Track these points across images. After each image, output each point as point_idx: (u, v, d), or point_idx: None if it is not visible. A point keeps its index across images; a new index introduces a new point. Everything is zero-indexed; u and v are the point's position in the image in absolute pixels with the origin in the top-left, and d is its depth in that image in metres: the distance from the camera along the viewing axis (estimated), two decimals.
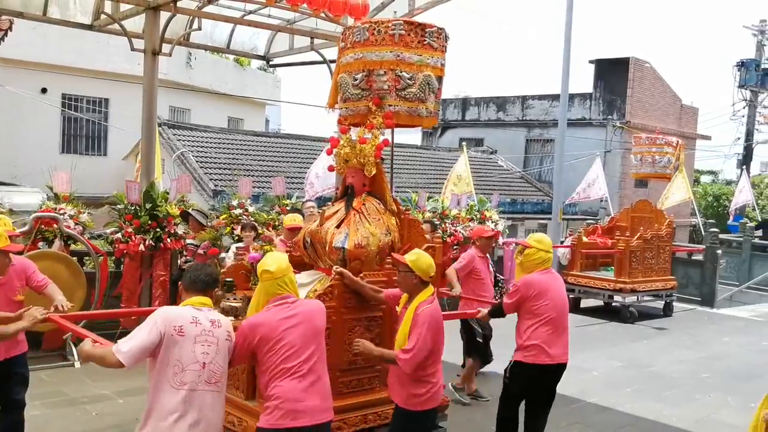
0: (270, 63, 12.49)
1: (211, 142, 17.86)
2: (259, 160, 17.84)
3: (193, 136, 17.61)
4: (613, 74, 24.66)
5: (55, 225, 7.95)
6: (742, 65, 30.06)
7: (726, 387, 8.52)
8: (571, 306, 10.19)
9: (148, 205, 8.57)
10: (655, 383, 8.53)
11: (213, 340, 3.57)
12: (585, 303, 13.24)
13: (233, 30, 11.28)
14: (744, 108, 30.81)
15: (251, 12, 10.16)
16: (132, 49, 9.49)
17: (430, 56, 5.14)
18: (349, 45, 5.25)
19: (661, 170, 13.85)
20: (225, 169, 16.39)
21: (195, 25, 10.14)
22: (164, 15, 9.00)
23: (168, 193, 8.95)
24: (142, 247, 8.39)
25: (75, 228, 8.14)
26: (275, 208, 9.89)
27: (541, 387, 5.42)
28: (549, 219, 16.76)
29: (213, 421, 3.56)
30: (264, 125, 26.88)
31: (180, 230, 8.75)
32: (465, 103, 28.27)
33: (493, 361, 7.39)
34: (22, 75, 16.59)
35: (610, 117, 24.55)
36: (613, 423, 7.02)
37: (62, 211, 8.15)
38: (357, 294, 4.81)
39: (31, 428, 5.14)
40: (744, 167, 25.47)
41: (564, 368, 5.40)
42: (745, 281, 18.22)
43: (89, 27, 9.90)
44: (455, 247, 11.31)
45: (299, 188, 12.38)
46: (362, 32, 5.13)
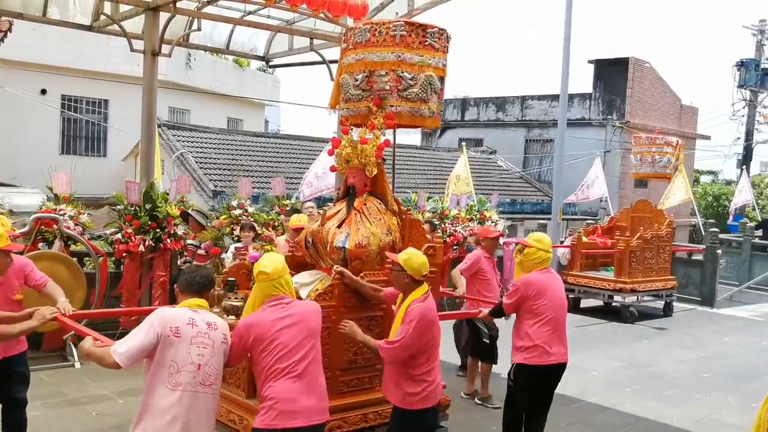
0: (269, 63, 12.49)
1: (211, 143, 17.88)
2: (259, 161, 17.86)
3: (193, 137, 17.64)
4: (613, 74, 24.67)
5: (55, 226, 7.96)
6: (742, 65, 30.08)
7: (726, 387, 8.52)
8: (571, 306, 10.25)
9: (148, 206, 8.58)
10: (655, 383, 8.53)
11: (209, 342, 3.57)
12: (585, 303, 13.24)
13: (233, 31, 11.29)
14: (744, 108, 30.85)
15: (251, 12, 10.17)
16: (131, 50, 9.49)
17: (432, 57, 5.15)
18: (351, 46, 5.27)
19: (661, 170, 13.86)
20: (224, 170, 16.41)
21: (194, 26, 10.15)
22: (164, 16, 9.01)
23: (168, 194, 8.96)
24: (142, 248, 8.41)
25: (75, 229, 8.15)
26: (275, 209, 9.90)
27: (543, 388, 5.42)
28: (549, 219, 16.76)
29: (206, 423, 3.57)
30: (263, 126, 26.91)
31: (180, 231, 8.75)
32: (464, 104, 28.28)
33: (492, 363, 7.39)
34: (22, 76, 16.59)
35: (610, 117, 24.56)
36: (613, 423, 7.02)
37: (62, 212, 8.15)
38: (357, 293, 4.81)
39: (32, 429, 5.15)
40: (744, 167, 25.49)
41: (564, 368, 5.40)
42: (745, 281, 18.21)
43: (89, 28, 9.90)
44: (455, 247, 11.32)
45: (298, 189, 12.38)
46: (363, 33, 5.15)
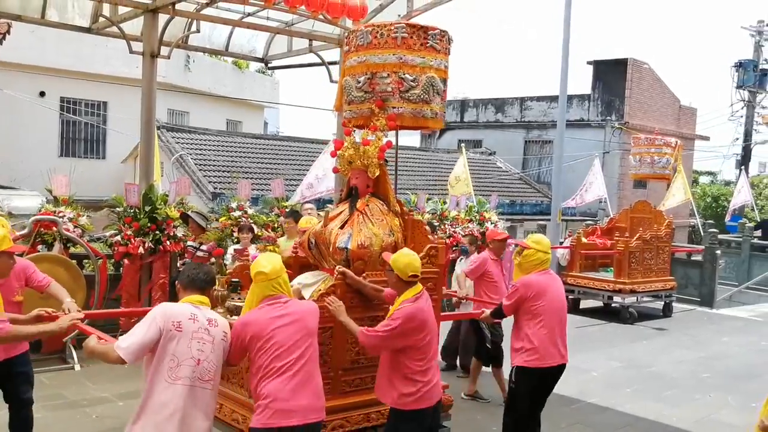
0: (268, 65, 12.50)
1: (210, 145, 17.88)
2: (258, 163, 17.86)
3: (192, 139, 17.63)
4: (612, 75, 24.68)
5: (54, 228, 7.96)
6: (740, 66, 30.06)
7: (726, 387, 8.53)
8: (571, 307, 10.24)
9: (148, 208, 8.59)
10: (655, 383, 8.54)
11: (209, 339, 3.61)
12: (584, 304, 13.24)
13: (232, 32, 11.29)
14: (742, 108, 30.84)
15: (250, 14, 10.18)
16: (130, 52, 9.49)
17: (433, 58, 5.18)
18: (353, 48, 5.29)
19: (660, 171, 13.87)
20: (224, 172, 16.41)
21: (193, 28, 10.15)
22: (163, 17, 9.02)
23: (167, 196, 8.96)
24: (142, 250, 8.41)
25: (74, 231, 8.14)
26: (274, 210, 9.90)
27: (544, 389, 5.45)
28: (548, 220, 16.75)
29: (204, 418, 3.59)
30: (262, 128, 26.91)
31: (179, 233, 8.75)
32: (463, 105, 28.28)
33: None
34: (21, 78, 16.58)
35: (609, 118, 24.55)
36: (613, 423, 7.03)
37: (61, 214, 8.15)
38: (359, 293, 4.83)
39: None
40: (742, 168, 25.49)
41: (564, 368, 5.41)
42: (745, 281, 18.19)
43: (88, 30, 9.91)
44: (455, 248, 11.31)
45: (297, 190, 12.37)
46: (365, 36, 5.18)
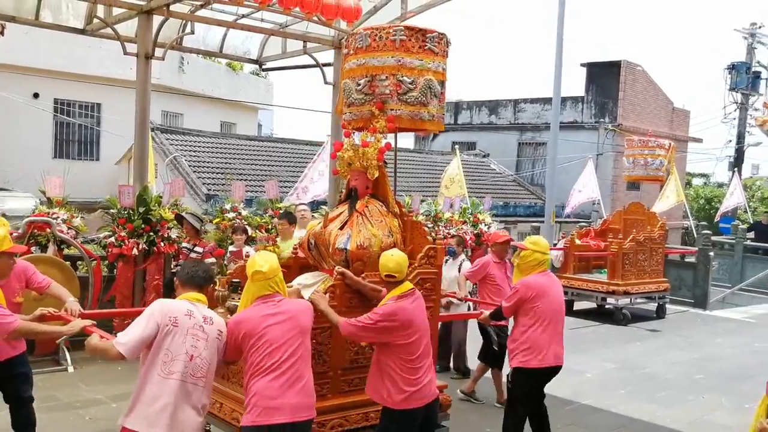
0: (262, 67, 12.50)
1: (204, 147, 17.87)
2: (252, 164, 17.87)
3: (186, 141, 17.62)
4: (605, 77, 24.78)
5: (48, 229, 7.94)
6: (733, 68, 30.18)
7: (719, 388, 8.55)
8: (565, 308, 10.25)
9: (142, 209, 8.57)
10: (649, 385, 8.56)
11: (203, 336, 3.66)
12: (578, 305, 13.25)
13: (226, 34, 11.29)
14: (735, 111, 30.96)
15: (244, 16, 10.18)
16: (125, 53, 9.45)
17: (432, 61, 5.21)
18: (352, 51, 5.33)
19: (654, 173, 13.88)
20: (218, 174, 16.41)
21: (188, 29, 10.13)
22: (157, 19, 8.99)
23: (161, 197, 8.95)
24: (136, 251, 8.39)
25: (68, 232, 8.12)
26: (268, 212, 9.90)
27: (540, 390, 5.50)
28: (542, 222, 16.76)
29: (195, 415, 3.62)
30: (256, 129, 26.89)
31: (173, 234, 8.73)
32: (457, 107, 28.33)
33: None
34: (14, 80, 16.52)
35: (602, 120, 24.64)
36: (607, 424, 7.05)
37: (55, 216, 8.13)
38: (358, 293, 4.86)
39: None
40: (735, 170, 25.56)
41: (559, 370, 5.44)
42: (738, 283, 18.25)
43: (82, 31, 9.88)
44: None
45: (291, 192, 12.37)
46: (364, 38, 5.22)
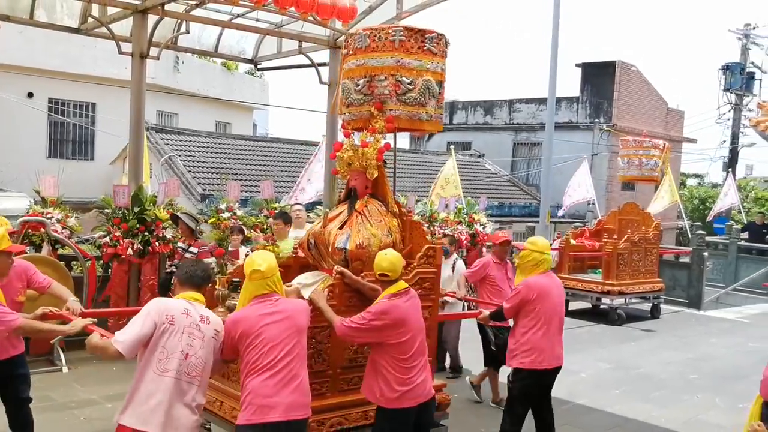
0: (258, 67, 12.47)
1: (199, 146, 17.84)
2: (247, 164, 17.84)
3: (181, 141, 17.59)
4: (600, 78, 24.81)
5: (43, 229, 7.92)
6: (727, 69, 30.27)
7: (713, 388, 8.58)
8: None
9: (137, 209, 8.55)
10: (643, 384, 8.58)
11: (199, 335, 3.69)
12: (573, 305, 13.25)
13: (221, 33, 11.26)
14: (729, 111, 31.05)
15: (239, 15, 10.17)
16: (119, 53, 9.44)
17: (430, 61, 5.23)
18: (352, 51, 5.35)
19: (648, 173, 13.91)
20: (213, 173, 16.39)
21: (183, 29, 10.10)
22: (152, 18, 8.99)
23: (156, 197, 8.93)
24: (131, 251, 8.38)
25: (62, 232, 8.11)
26: (263, 212, 9.89)
27: (542, 391, 5.53)
28: (537, 222, 16.79)
29: (189, 413, 3.64)
30: (252, 129, 26.86)
31: (168, 234, 8.72)
32: (452, 107, 28.32)
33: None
34: (8, 79, 16.47)
35: (597, 120, 24.69)
36: (602, 424, 7.07)
37: (49, 216, 8.11)
38: (358, 293, 4.87)
39: None
40: (729, 170, 25.62)
41: (559, 370, 5.49)
42: (732, 283, 18.30)
43: (76, 30, 9.86)
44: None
45: (287, 192, 12.37)
46: (363, 39, 5.24)
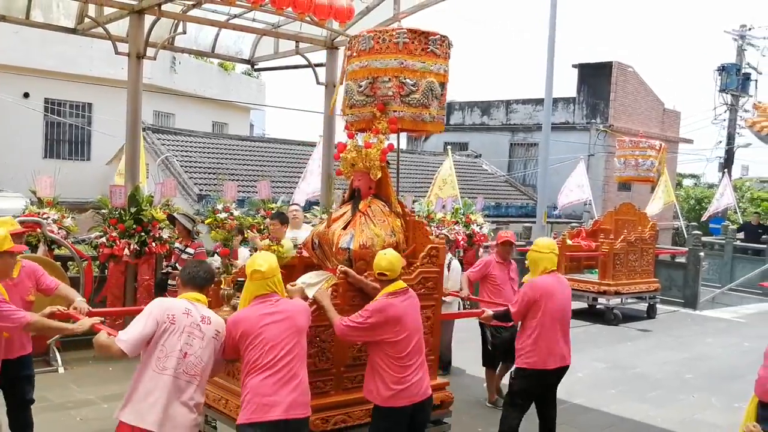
0: (255, 67, 12.46)
1: (196, 147, 17.83)
2: (244, 164, 17.84)
3: (178, 141, 17.59)
4: (597, 78, 24.86)
5: (39, 230, 7.90)
6: (723, 70, 30.31)
7: (709, 387, 8.60)
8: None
9: (133, 209, 8.55)
10: (640, 384, 8.60)
11: (199, 335, 3.74)
12: None
13: (218, 34, 11.26)
14: (725, 112, 31.10)
15: (236, 16, 10.15)
16: (116, 53, 9.42)
17: (433, 63, 5.27)
18: (355, 53, 5.38)
19: (645, 173, 13.92)
20: (210, 174, 16.39)
21: (179, 29, 10.09)
22: (149, 18, 8.97)
23: (152, 198, 8.92)
24: (127, 252, 8.37)
25: (59, 233, 8.09)
26: (260, 212, 9.89)
27: (544, 390, 5.58)
28: (533, 222, 16.82)
29: (188, 411, 3.67)
30: (248, 130, 26.86)
31: (165, 234, 8.71)
32: (449, 108, 28.33)
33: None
34: (4, 79, 16.42)
35: (594, 121, 24.73)
36: (599, 424, 7.09)
37: (46, 216, 8.10)
38: (361, 292, 4.90)
39: None
40: (725, 170, 25.68)
41: (566, 370, 5.56)
42: (728, 283, 18.35)
43: (73, 31, 9.83)
44: None
45: (284, 192, 12.38)
46: (367, 41, 5.28)
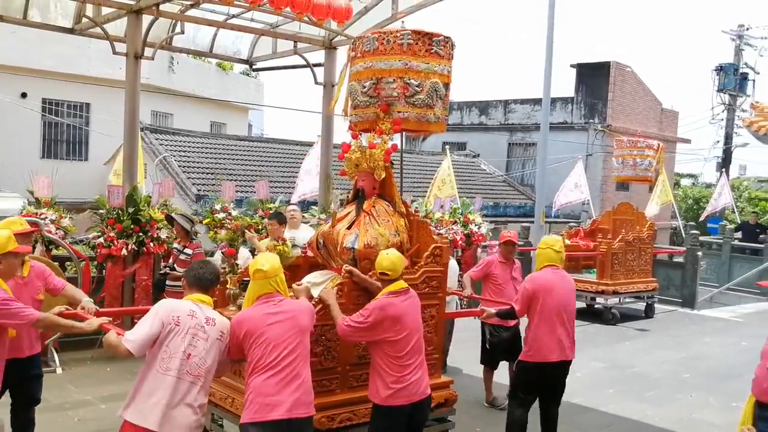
0: (253, 67, 12.46)
1: (194, 147, 17.81)
2: (242, 165, 17.82)
3: (176, 141, 17.57)
4: (595, 78, 24.87)
5: (36, 230, 7.88)
6: (721, 69, 30.34)
7: (707, 387, 8.61)
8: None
9: (131, 210, 8.54)
10: (638, 384, 8.61)
11: (203, 336, 3.76)
12: None
13: (216, 34, 11.25)
14: (723, 112, 31.14)
15: (234, 16, 10.16)
16: (114, 53, 9.41)
17: (437, 64, 5.31)
18: (359, 54, 5.41)
19: (642, 173, 13.93)
20: (208, 174, 16.37)
21: (177, 29, 10.09)
22: (147, 18, 8.97)
23: (150, 198, 8.91)
24: (125, 252, 8.36)
25: (56, 233, 8.08)
26: (258, 212, 9.88)
27: (546, 383, 5.62)
28: (532, 222, 16.80)
29: (191, 412, 3.70)
30: (247, 130, 26.83)
31: (163, 235, 8.70)
32: (448, 107, 28.30)
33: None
34: (2, 79, 16.37)
35: (592, 121, 24.74)
36: (597, 423, 7.10)
37: (43, 216, 8.08)
38: (366, 291, 4.92)
39: None
40: (723, 170, 25.70)
41: (566, 364, 5.60)
42: (725, 282, 18.37)
43: (70, 30, 9.83)
44: None
45: (282, 192, 12.37)
46: (371, 42, 5.31)
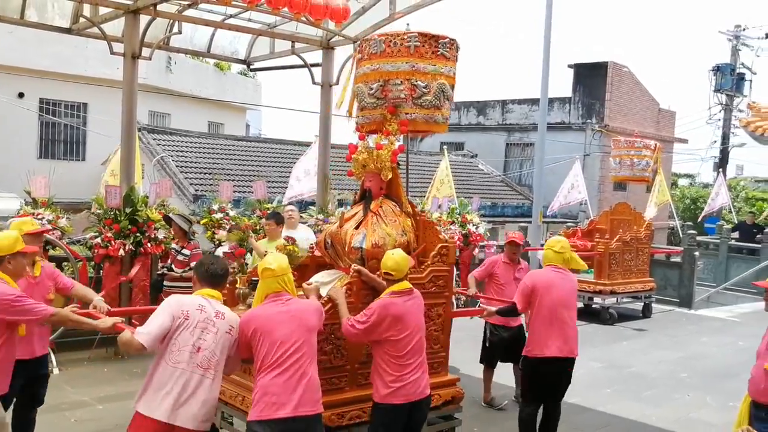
0: (250, 67, 12.45)
1: (192, 147, 17.80)
2: (240, 165, 17.81)
3: (173, 141, 17.55)
4: (592, 78, 24.91)
5: (47, 230, 7.86)
6: (718, 70, 30.37)
7: (705, 386, 8.63)
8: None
9: (128, 210, 8.52)
10: (635, 383, 8.62)
11: (213, 330, 3.84)
12: None
13: (214, 34, 11.23)
14: (720, 112, 31.16)
15: (232, 16, 10.15)
16: (111, 53, 9.39)
17: (444, 65, 5.37)
18: (366, 56, 5.45)
19: (640, 173, 13.94)
20: (205, 174, 16.35)
21: (175, 29, 10.07)
22: (144, 18, 8.95)
23: (148, 198, 8.90)
24: (122, 252, 8.35)
25: (53, 233, 8.06)
26: (256, 212, 9.87)
27: (548, 379, 5.63)
28: (529, 222, 16.83)
29: (200, 405, 3.77)
30: (244, 130, 26.81)
31: (160, 235, 8.69)
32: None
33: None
34: None
35: (589, 121, 24.77)
36: (594, 423, 7.11)
37: (40, 216, 8.06)
38: (374, 290, 4.95)
39: None
40: (720, 170, 25.72)
41: (568, 362, 5.59)
42: (722, 282, 18.39)
43: (68, 30, 9.80)
44: None
45: (280, 192, 12.36)
46: (378, 44, 5.36)
